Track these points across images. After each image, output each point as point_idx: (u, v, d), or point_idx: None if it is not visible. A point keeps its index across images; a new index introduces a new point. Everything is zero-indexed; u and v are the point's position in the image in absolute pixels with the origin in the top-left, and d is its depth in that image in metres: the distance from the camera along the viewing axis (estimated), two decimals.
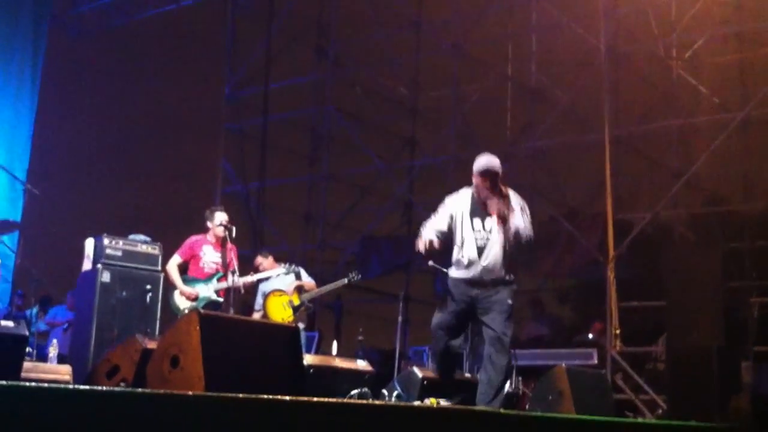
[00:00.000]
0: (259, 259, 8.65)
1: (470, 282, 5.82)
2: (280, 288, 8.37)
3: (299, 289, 8.37)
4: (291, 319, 8.18)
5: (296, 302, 8.29)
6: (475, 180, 5.87)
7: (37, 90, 12.84)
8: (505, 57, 13.89)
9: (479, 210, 5.87)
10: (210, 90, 14.27)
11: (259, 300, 8.52)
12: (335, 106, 14.51)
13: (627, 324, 10.01)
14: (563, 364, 7.32)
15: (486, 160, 5.85)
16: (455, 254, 5.88)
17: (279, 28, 14.10)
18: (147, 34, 14.28)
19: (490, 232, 5.81)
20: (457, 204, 5.94)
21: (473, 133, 13.35)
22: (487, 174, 5.82)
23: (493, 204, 5.79)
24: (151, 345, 5.91)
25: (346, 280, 8.29)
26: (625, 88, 11.97)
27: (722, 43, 11.37)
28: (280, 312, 8.30)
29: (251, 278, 8.03)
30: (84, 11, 14.24)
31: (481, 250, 5.80)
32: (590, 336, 10.31)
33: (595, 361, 9.20)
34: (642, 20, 11.36)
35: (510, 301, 5.83)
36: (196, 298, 7.76)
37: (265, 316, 8.32)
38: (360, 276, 8.35)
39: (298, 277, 8.44)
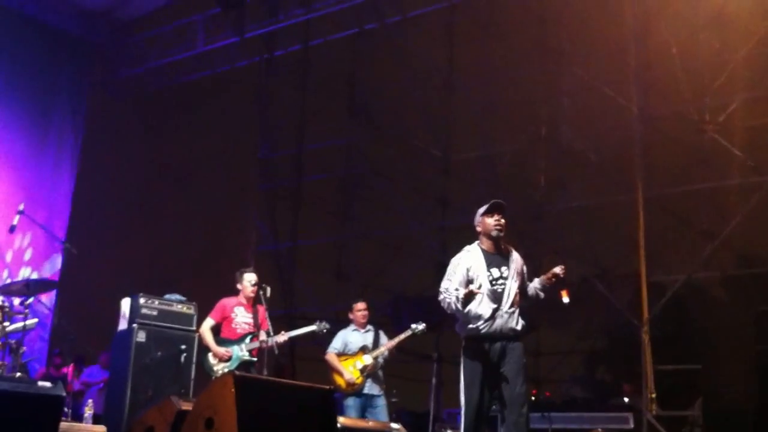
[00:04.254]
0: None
1: (492, 336, 5.77)
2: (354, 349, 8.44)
3: (364, 350, 8.40)
4: (359, 380, 8.25)
5: (363, 363, 8.33)
6: (484, 224, 5.91)
7: (77, 151, 13.19)
8: (537, 118, 13.99)
9: (494, 258, 5.88)
10: (245, 151, 14.50)
11: (337, 347, 8.54)
12: (367, 165, 14.67)
13: (662, 386, 9.89)
14: (599, 429, 7.25)
15: (488, 204, 5.89)
16: (474, 309, 5.82)
17: (312, 90, 14.33)
18: (183, 97, 14.59)
19: (506, 279, 5.82)
20: (469, 259, 5.95)
21: (505, 193, 13.39)
22: (498, 207, 5.89)
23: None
24: (186, 406, 5.96)
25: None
26: (657, 150, 12.00)
27: (754, 106, 11.38)
28: (349, 373, 8.37)
29: (284, 337, 8.07)
30: (122, 77, 14.62)
31: (500, 298, 5.79)
32: (626, 399, 10.20)
33: (632, 425, 9.08)
34: (674, 83, 11.42)
35: (524, 360, 5.80)
36: (229, 359, 7.83)
37: (332, 376, 8.38)
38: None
39: (377, 336, 8.49)
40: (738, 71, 10.95)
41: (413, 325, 8.27)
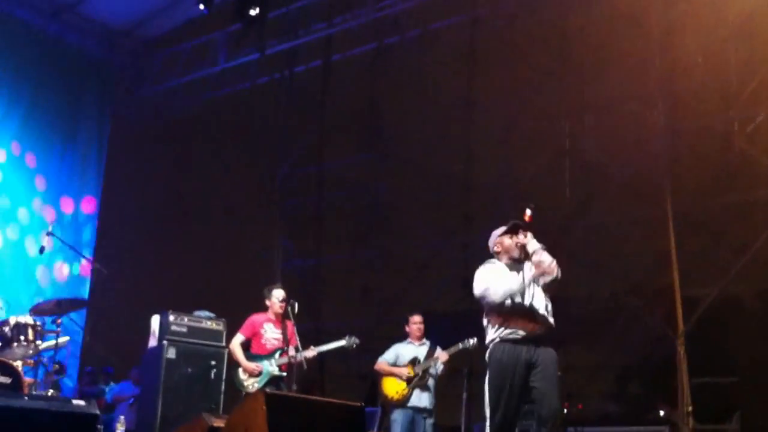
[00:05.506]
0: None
1: (524, 340, 5.66)
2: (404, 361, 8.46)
3: (413, 362, 8.40)
4: (405, 392, 8.28)
5: (410, 374, 8.33)
6: (504, 245, 5.97)
7: (102, 171, 13.21)
8: (560, 133, 13.91)
9: (514, 266, 5.87)
10: (267, 168, 14.49)
11: (388, 358, 8.57)
12: (389, 183, 14.63)
13: (698, 400, 9.74)
14: None
15: (506, 226, 5.95)
16: (507, 306, 5.78)
17: (334, 108, 14.31)
18: (207, 115, 14.62)
19: (526, 280, 5.81)
20: (497, 268, 5.91)
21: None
22: (515, 227, 5.86)
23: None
24: (218, 423, 5.94)
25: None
26: (684, 163, 11.90)
27: None
28: (394, 385, 8.39)
29: (313, 352, 8.06)
30: (144, 96, 14.67)
31: (525, 297, 5.77)
32: (661, 413, 10.06)
33: None
34: (700, 95, 11.33)
35: (559, 372, 5.74)
36: (259, 374, 7.82)
37: (381, 385, 8.46)
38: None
39: (431, 350, 8.49)
40: (766, 81, 10.85)
41: (466, 339, 8.20)
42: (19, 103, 12.33)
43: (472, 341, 8.26)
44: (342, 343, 8.20)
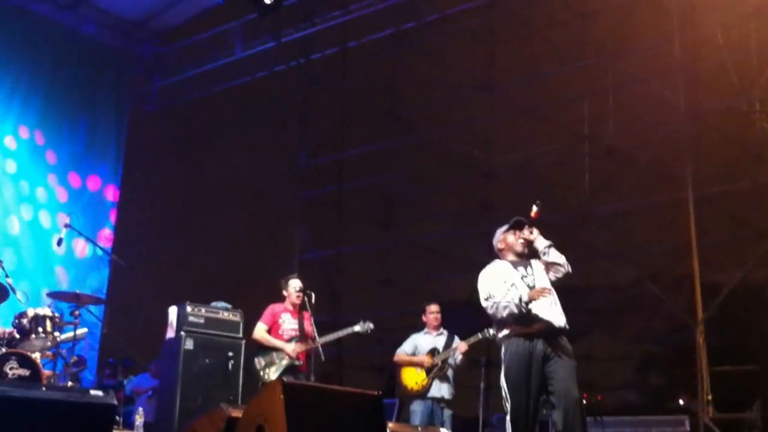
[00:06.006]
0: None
1: (538, 333, 5.62)
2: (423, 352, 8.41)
3: (432, 352, 8.36)
4: (424, 382, 8.23)
5: (430, 364, 8.31)
6: (507, 242, 5.91)
7: (120, 162, 13.24)
8: (580, 117, 13.77)
9: (519, 263, 5.85)
10: (286, 159, 14.47)
11: (406, 349, 8.53)
12: (409, 170, 14.58)
13: (719, 389, 9.64)
14: None
15: (509, 223, 5.91)
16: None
17: (352, 96, 14.25)
18: (224, 105, 14.62)
19: (534, 272, 5.80)
20: (499, 270, 5.86)
21: (550, 194, 13.18)
22: (520, 224, 5.80)
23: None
24: (236, 413, 5.94)
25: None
26: (706, 145, 11.74)
27: None
28: (413, 376, 8.35)
29: (326, 339, 8.02)
30: (163, 86, 14.69)
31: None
32: (681, 402, 9.97)
33: (688, 429, 8.87)
34: (722, 75, 11.16)
35: (575, 362, 5.67)
36: (290, 340, 7.82)
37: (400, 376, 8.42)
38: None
39: (450, 340, 8.43)
40: None
41: (485, 329, 8.12)
42: (37, 95, 12.38)
43: (492, 331, 8.15)
44: (356, 328, 8.12)
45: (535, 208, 5.88)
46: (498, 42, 14.29)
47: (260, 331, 8.02)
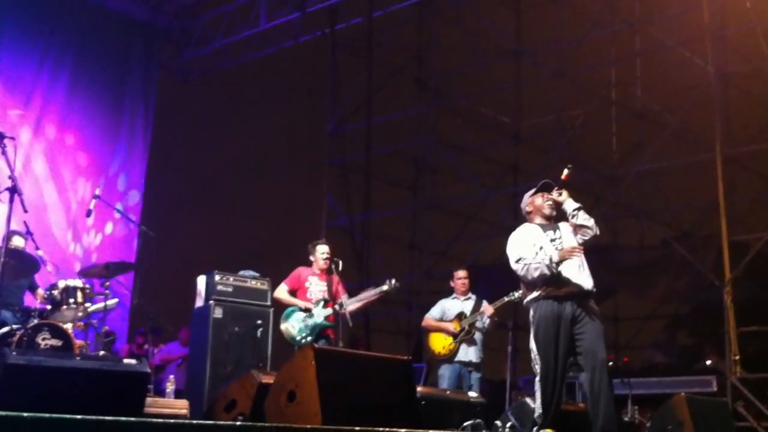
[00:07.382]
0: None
1: (566, 296, 5.67)
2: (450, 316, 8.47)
3: (459, 317, 8.41)
4: (452, 346, 8.29)
5: (457, 329, 8.34)
6: (535, 204, 5.92)
7: (149, 134, 13.36)
8: (608, 81, 13.66)
9: (547, 226, 5.87)
10: (313, 126, 14.51)
11: (434, 314, 8.59)
12: (437, 135, 14.59)
13: (747, 349, 9.61)
14: (682, 393, 7.06)
15: (537, 186, 5.93)
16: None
17: (379, 63, 14.23)
18: (250, 76, 14.68)
19: (563, 235, 5.80)
20: (529, 233, 5.88)
21: (578, 157, 13.13)
22: (548, 186, 5.86)
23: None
24: (267, 379, 6.03)
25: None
26: (735, 108, 11.63)
27: None
28: (441, 341, 8.40)
29: (357, 304, 8.02)
30: (190, 58, 14.78)
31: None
32: (708, 362, 9.96)
33: (715, 389, 8.87)
34: (750, 38, 11.01)
35: (602, 325, 5.71)
36: (318, 302, 7.83)
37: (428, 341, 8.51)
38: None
39: (477, 304, 8.47)
40: None
41: (511, 292, 8.11)
42: (65, 69, 12.48)
43: (518, 294, 8.12)
44: (384, 288, 8.06)
45: (566, 171, 5.89)
46: (525, 8, 14.21)
47: (280, 291, 8.00)
